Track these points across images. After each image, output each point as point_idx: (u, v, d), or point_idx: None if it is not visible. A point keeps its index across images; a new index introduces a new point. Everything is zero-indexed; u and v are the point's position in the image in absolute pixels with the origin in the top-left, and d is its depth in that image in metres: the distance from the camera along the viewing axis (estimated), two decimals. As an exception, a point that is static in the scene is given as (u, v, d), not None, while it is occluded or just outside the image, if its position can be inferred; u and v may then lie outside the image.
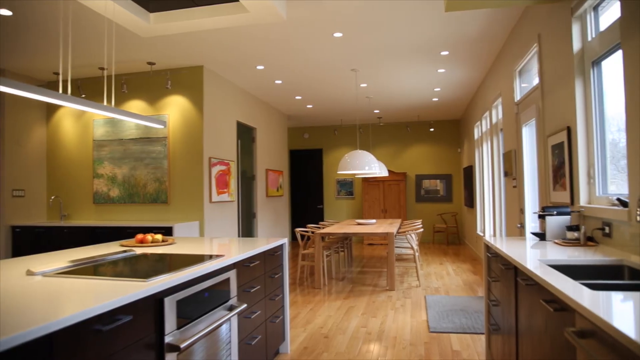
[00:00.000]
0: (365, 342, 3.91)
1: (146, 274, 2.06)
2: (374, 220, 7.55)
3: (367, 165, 6.56)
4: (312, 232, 6.95)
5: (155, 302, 1.88)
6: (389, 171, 11.23)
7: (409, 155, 11.58)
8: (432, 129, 11.49)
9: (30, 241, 6.14)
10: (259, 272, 3.10)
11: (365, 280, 6.56)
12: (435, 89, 7.95)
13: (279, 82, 7.19)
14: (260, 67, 6.36)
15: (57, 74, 6.56)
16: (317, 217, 12.21)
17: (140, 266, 2.33)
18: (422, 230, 6.71)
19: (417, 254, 6.49)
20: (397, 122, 11.67)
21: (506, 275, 2.59)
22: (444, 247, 10.42)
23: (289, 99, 8.57)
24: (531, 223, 4.62)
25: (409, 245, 6.88)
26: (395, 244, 6.88)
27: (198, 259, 2.54)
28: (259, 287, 3.08)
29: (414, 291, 5.84)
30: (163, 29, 4.83)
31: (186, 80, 6.24)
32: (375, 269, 7.55)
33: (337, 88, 7.71)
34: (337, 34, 5.15)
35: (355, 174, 11.18)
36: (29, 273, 2.10)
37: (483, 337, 3.98)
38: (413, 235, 6.64)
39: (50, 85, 6.89)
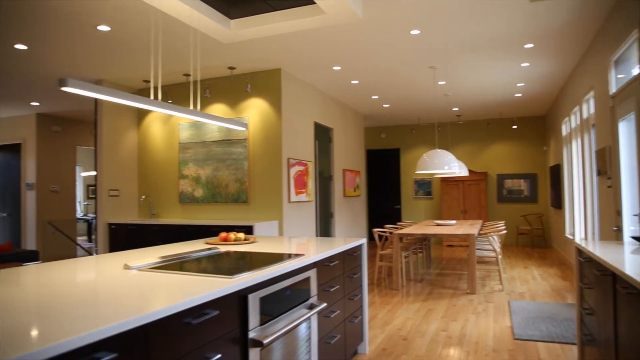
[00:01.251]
0: (446, 346, 3.81)
1: (231, 271, 2.14)
2: (453, 221, 7.34)
3: (446, 164, 6.39)
4: (390, 233, 6.88)
5: (239, 298, 1.95)
6: (469, 170, 10.87)
7: (490, 153, 11.14)
8: (515, 126, 10.98)
9: (124, 237, 6.59)
10: (338, 272, 3.12)
11: (444, 283, 6.40)
12: (518, 84, 7.58)
13: (355, 82, 7.19)
14: (336, 68, 6.40)
15: (147, 81, 6.99)
16: (395, 217, 12.08)
17: (224, 263, 2.42)
18: (505, 232, 6.43)
19: (499, 256, 6.22)
20: (477, 120, 11.27)
21: (602, 282, 2.41)
22: (528, 250, 9.92)
23: (366, 99, 8.55)
24: (630, 226, 4.27)
25: (490, 248, 6.62)
26: (476, 245, 6.64)
27: (279, 257, 2.60)
28: (338, 286, 3.10)
29: (497, 295, 5.61)
30: (243, 35, 4.99)
31: (265, 83, 6.42)
32: (455, 271, 7.34)
33: (414, 86, 7.59)
34: (415, 32, 5.06)
35: (434, 174, 10.93)
36: (126, 267, 2.25)
37: (574, 348, 3.74)
38: (495, 237, 6.38)
39: (140, 93, 7.36)
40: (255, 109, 6.47)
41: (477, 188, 10.74)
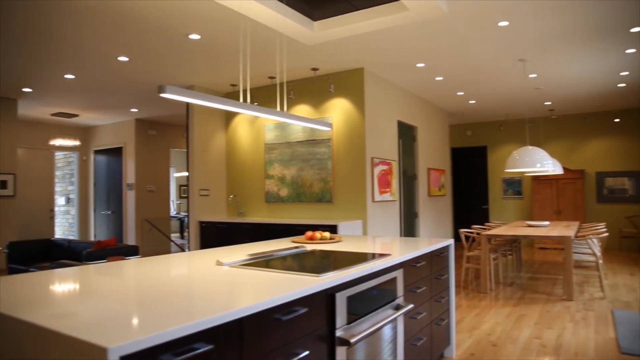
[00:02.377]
0: (540, 355, 3.60)
1: (318, 270, 2.17)
2: (546, 222, 6.93)
3: (538, 162, 6.05)
4: (478, 234, 6.63)
5: (327, 296, 1.97)
6: (564, 168, 10.19)
7: (587, 150, 10.38)
8: (617, 120, 10.13)
9: (214, 234, 6.91)
10: (424, 273, 3.06)
11: (537, 287, 6.05)
12: (622, 73, 6.99)
13: (440, 78, 7.01)
14: (420, 65, 6.27)
15: (234, 85, 7.28)
16: (482, 217, 11.63)
17: (311, 262, 2.46)
18: (606, 234, 5.96)
19: (600, 261, 5.78)
20: (573, 114, 10.55)
21: None
22: (634, 255, 9.12)
23: (451, 96, 8.31)
24: None
25: (589, 251, 6.16)
26: (572, 249, 6.22)
27: (365, 257, 2.59)
28: (424, 288, 3.03)
29: (597, 303, 5.21)
30: (326, 36, 5.04)
31: (348, 82, 6.44)
32: (549, 275, 6.92)
33: (502, 81, 7.25)
34: (503, 23, 4.83)
35: (524, 172, 10.39)
36: (218, 263, 2.36)
37: (691, 362, 3.38)
38: (595, 240, 5.93)
39: (228, 96, 7.68)
40: (338, 109, 6.51)
41: (573, 187, 10.05)
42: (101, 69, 6.37)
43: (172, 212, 13.64)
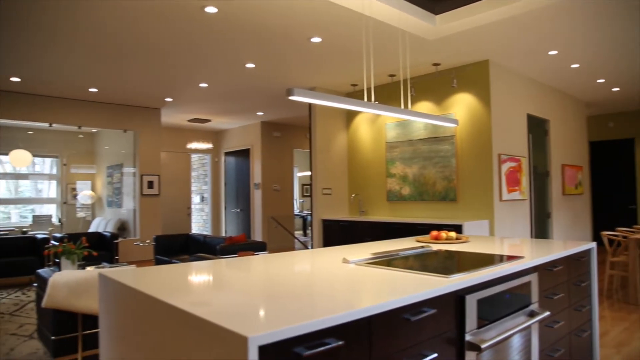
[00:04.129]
0: None
1: (446, 270, 2.10)
2: None
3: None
4: (625, 237, 5.96)
5: (456, 298, 1.90)
6: None
7: None
8: None
9: (336, 232, 7.05)
10: (562, 278, 2.81)
11: (700, 299, 5.28)
12: None
13: (576, 65, 6.41)
14: (552, 53, 5.79)
15: (355, 85, 7.36)
16: (629, 219, 10.41)
17: (438, 262, 2.39)
18: None
19: None
20: None
21: None
22: None
23: (589, 84, 7.56)
24: None
25: None
26: None
27: (495, 258, 2.46)
28: (562, 294, 2.79)
29: None
30: (448, 29, 4.88)
31: (471, 76, 6.17)
32: None
33: (653, 65, 6.43)
34: (656, 0, 4.28)
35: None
36: (345, 261, 2.40)
37: None
38: None
39: (349, 96, 7.78)
40: (462, 104, 6.27)
41: None
42: (231, 77, 6.82)
43: (296, 211, 14.17)
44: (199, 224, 12.79)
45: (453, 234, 3.26)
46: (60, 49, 5.50)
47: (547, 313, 2.42)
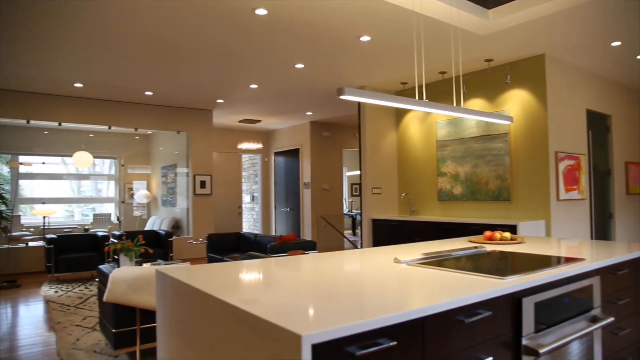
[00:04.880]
0: None
1: (501, 272, 2.04)
2: None
3: None
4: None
5: (512, 301, 1.84)
6: None
7: None
8: None
9: (386, 232, 6.99)
10: (627, 283, 2.67)
11: None
12: None
13: (641, 58, 6.07)
14: (616, 44, 5.50)
15: (404, 83, 7.27)
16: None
17: (492, 263, 2.32)
18: None
19: None
20: None
21: None
22: None
23: (655, 78, 7.14)
24: None
25: None
26: None
27: (553, 260, 2.36)
28: (627, 300, 2.65)
29: None
30: (502, 24, 4.74)
31: (526, 72, 5.96)
32: None
33: None
34: None
35: None
36: (396, 261, 2.37)
37: None
38: None
39: (399, 95, 7.69)
40: (515, 101, 6.07)
41: None
42: (280, 77, 6.90)
43: (345, 210, 14.17)
44: (249, 223, 13.02)
45: (508, 235, 3.16)
46: (118, 55, 5.75)
47: (611, 319, 2.30)
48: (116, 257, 4.66)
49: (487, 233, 3.17)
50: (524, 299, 1.86)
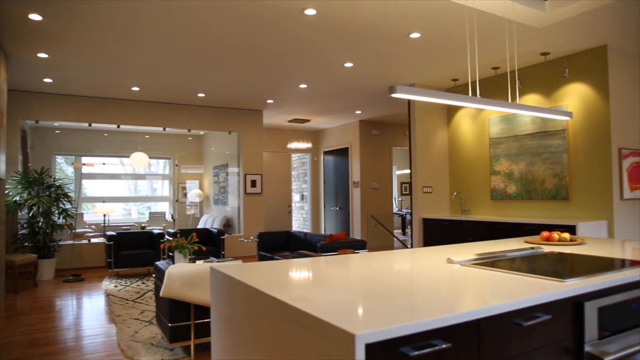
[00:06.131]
0: None
1: (558, 274, 1.95)
2: None
3: None
4: None
5: (573, 305, 1.76)
6: None
7: None
8: None
9: (437, 232, 6.87)
10: (700, 287, 2.49)
11: None
12: None
13: None
14: (685, 34, 5.16)
15: (455, 80, 7.11)
16: None
17: (549, 265, 2.23)
18: None
19: None
20: None
21: None
22: None
23: None
24: None
25: None
26: None
27: (617, 263, 2.24)
28: (701, 305, 2.48)
29: None
30: (559, 15, 4.55)
31: (586, 64, 5.68)
32: None
33: None
34: None
35: None
36: (449, 261, 2.32)
37: None
38: None
39: (450, 91, 7.53)
40: (574, 95, 5.80)
41: None
42: (330, 77, 6.91)
43: (395, 209, 14.04)
44: (299, 222, 13.13)
45: (567, 235, 3.02)
46: (172, 59, 5.93)
47: (683, 325, 2.16)
48: (171, 254, 4.81)
49: (545, 233, 3.05)
50: (586, 303, 1.78)
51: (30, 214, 7.05)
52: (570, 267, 2.17)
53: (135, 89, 7.61)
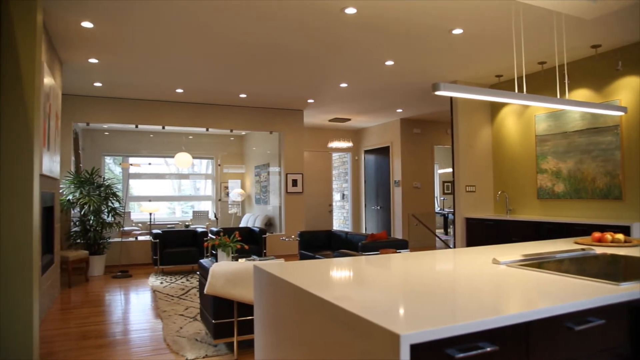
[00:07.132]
0: None
1: (614, 276, 1.87)
2: None
3: None
4: None
5: (629, 309, 1.68)
6: None
7: None
8: None
9: (480, 232, 6.71)
10: None
11: None
12: None
13: None
14: None
15: (499, 76, 6.93)
16: None
17: (602, 267, 2.14)
18: None
19: None
20: None
21: None
22: None
23: None
24: None
25: None
26: None
27: (678, 265, 2.12)
28: None
29: None
30: (612, 5, 4.34)
31: (641, 58, 5.42)
32: None
33: None
34: None
35: None
36: (495, 262, 2.26)
37: None
38: None
39: (494, 88, 7.35)
40: (628, 89, 5.55)
41: None
42: (370, 75, 6.87)
43: (437, 208, 13.83)
44: (339, 221, 13.13)
45: (621, 236, 2.89)
46: (215, 61, 6.05)
47: None
48: (214, 252, 4.90)
49: (596, 234, 2.93)
50: (643, 307, 1.70)
51: (82, 213, 7.35)
52: (625, 270, 2.07)
53: (179, 91, 7.80)
